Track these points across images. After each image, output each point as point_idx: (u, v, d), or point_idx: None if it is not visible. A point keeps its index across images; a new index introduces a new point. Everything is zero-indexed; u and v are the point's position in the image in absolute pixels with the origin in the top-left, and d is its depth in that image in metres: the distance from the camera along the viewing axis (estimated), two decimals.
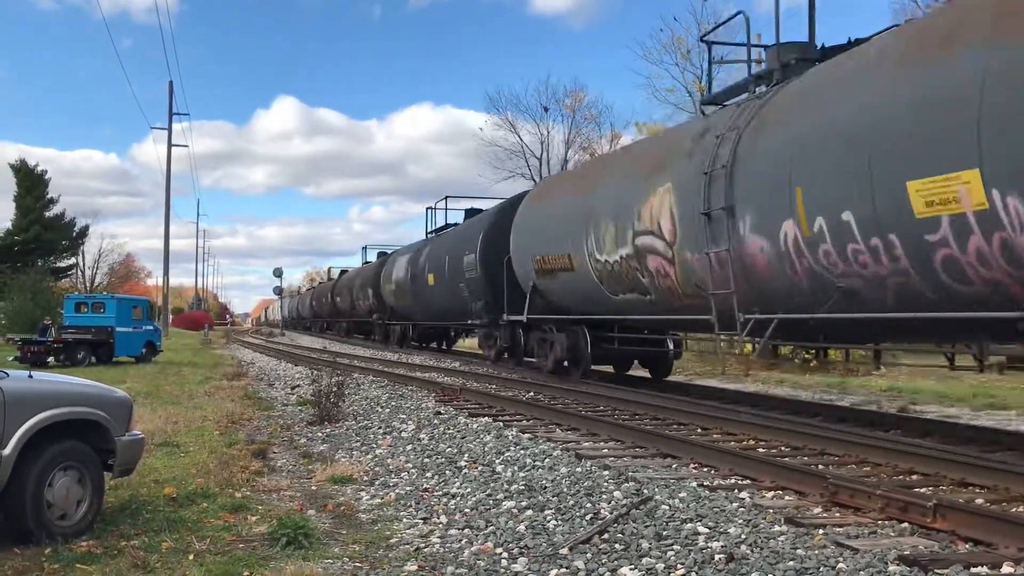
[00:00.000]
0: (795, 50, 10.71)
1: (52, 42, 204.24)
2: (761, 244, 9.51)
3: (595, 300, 14.51)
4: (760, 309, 9.88)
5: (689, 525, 5.35)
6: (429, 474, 7.80)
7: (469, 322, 22.27)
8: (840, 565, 4.47)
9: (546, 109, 44.41)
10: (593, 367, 16.43)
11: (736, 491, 6.34)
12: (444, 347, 32.10)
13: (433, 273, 24.76)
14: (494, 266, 18.93)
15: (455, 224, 26.76)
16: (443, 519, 6.20)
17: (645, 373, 16.98)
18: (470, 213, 25.82)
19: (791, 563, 4.56)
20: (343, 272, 52.87)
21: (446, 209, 29.38)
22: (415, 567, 4.98)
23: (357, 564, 5.08)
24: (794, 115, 9.38)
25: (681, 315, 12.25)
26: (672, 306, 12.11)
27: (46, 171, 61.59)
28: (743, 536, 5.07)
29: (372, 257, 43.83)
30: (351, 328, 46.46)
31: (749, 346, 21.10)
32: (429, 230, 29.49)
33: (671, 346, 16.20)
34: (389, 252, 38.10)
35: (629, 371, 17.57)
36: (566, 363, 16.28)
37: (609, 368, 17.71)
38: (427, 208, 29.90)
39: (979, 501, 6.01)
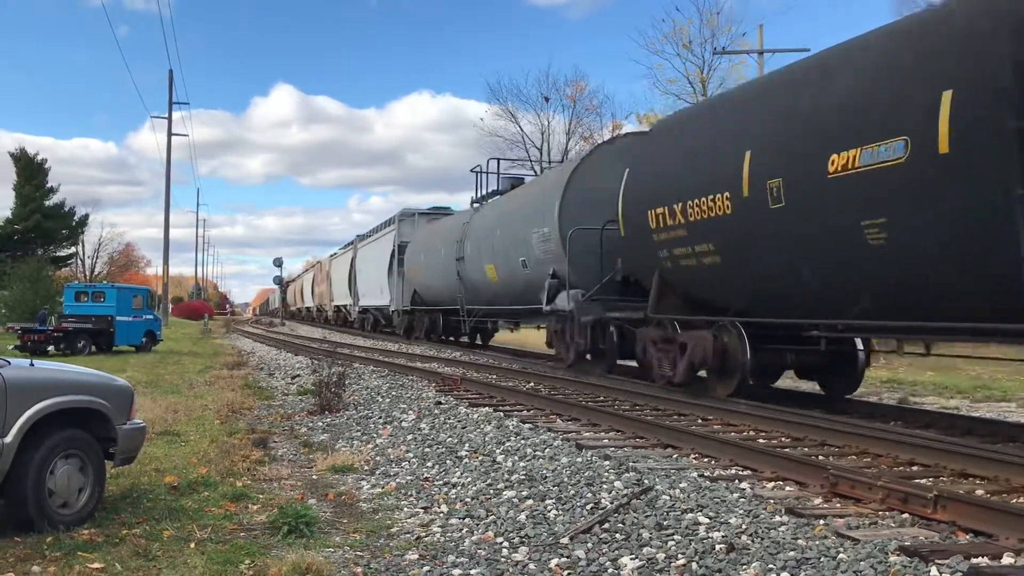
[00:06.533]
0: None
1: (47, 29, 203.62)
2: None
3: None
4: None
5: (690, 515, 5.35)
6: (430, 463, 7.81)
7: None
8: (841, 555, 4.48)
9: (547, 99, 44.40)
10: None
11: (737, 481, 6.34)
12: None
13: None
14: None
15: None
16: (444, 508, 6.20)
17: None
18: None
19: (792, 553, 4.56)
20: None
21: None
22: (416, 556, 4.99)
23: (358, 553, 5.09)
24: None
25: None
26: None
27: (46, 160, 61.58)
28: (744, 526, 5.08)
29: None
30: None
31: None
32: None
33: None
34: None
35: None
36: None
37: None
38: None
39: (980, 492, 6.01)
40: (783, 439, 8.40)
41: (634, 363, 14.65)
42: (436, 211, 31.92)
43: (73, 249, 66.02)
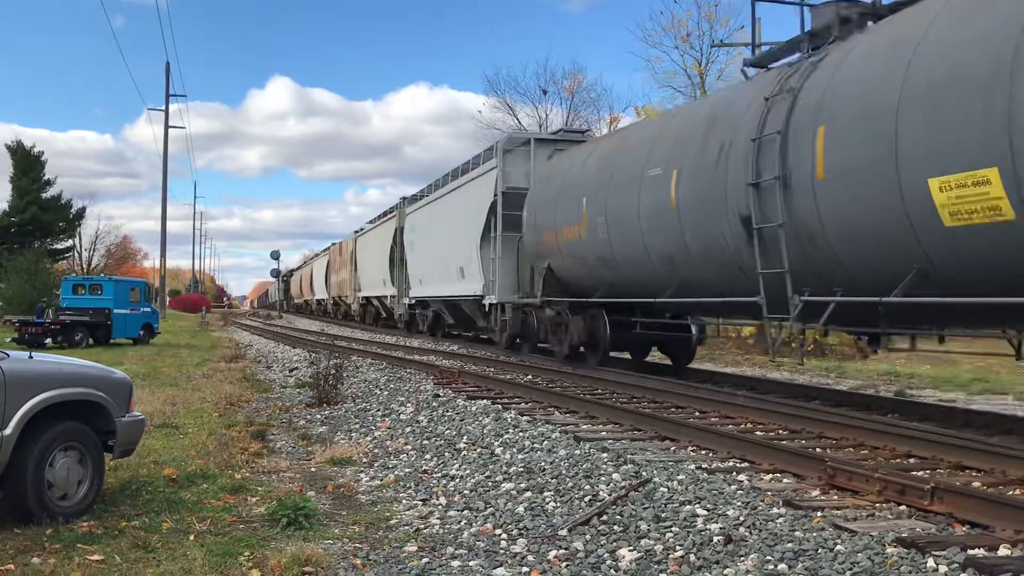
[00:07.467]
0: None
1: (44, 21, 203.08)
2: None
3: None
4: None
5: (688, 507, 5.37)
6: (428, 456, 7.82)
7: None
8: (838, 547, 4.49)
9: (544, 92, 44.04)
10: None
11: (734, 474, 6.35)
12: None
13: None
14: None
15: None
16: (442, 500, 6.22)
17: None
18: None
19: (789, 545, 4.58)
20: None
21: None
22: (415, 548, 5.00)
23: (357, 545, 5.10)
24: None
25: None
26: None
27: (42, 152, 61.30)
28: (741, 518, 5.09)
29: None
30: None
31: (747, 331, 21.10)
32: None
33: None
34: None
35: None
36: None
37: None
38: None
39: (976, 484, 6.02)
40: (781, 431, 8.42)
41: None
42: (570, 134, 19.36)
43: (70, 242, 65.76)
